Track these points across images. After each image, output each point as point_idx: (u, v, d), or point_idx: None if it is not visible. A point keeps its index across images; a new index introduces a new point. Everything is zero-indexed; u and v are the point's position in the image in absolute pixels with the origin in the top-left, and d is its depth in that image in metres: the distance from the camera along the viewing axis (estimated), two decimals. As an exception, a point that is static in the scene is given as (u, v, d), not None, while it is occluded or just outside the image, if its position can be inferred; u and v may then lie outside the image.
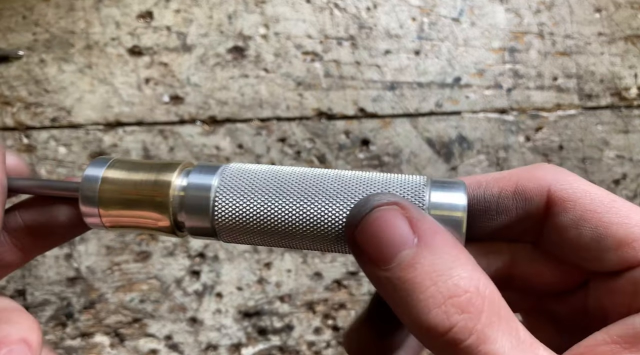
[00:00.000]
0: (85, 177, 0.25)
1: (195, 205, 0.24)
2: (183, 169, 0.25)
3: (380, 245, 0.19)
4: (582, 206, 0.21)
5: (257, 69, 0.64)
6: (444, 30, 0.67)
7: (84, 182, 0.25)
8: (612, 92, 0.70)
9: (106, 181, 0.24)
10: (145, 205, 0.24)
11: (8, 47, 0.61)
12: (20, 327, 0.22)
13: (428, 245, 0.19)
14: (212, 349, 0.62)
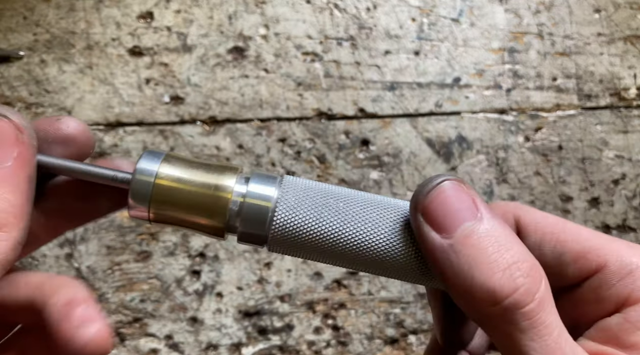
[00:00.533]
0: (138, 171, 0.24)
1: (254, 214, 0.24)
2: (239, 174, 0.25)
3: (447, 214, 0.21)
4: (542, 229, 0.25)
5: (257, 70, 0.64)
6: (444, 30, 0.68)
7: (137, 177, 0.24)
8: (611, 93, 0.70)
9: (161, 178, 0.24)
10: (201, 209, 0.24)
11: (9, 47, 0.61)
12: (79, 290, 0.23)
13: (489, 220, 0.21)
14: (213, 349, 0.62)
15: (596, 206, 0.69)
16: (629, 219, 0.69)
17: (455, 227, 0.21)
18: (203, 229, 0.25)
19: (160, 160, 0.24)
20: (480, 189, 0.67)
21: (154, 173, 0.24)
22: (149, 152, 0.24)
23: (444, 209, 0.21)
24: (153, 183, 0.23)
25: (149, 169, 0.24)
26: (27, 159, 0.22)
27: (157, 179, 0.24)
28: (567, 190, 0.68)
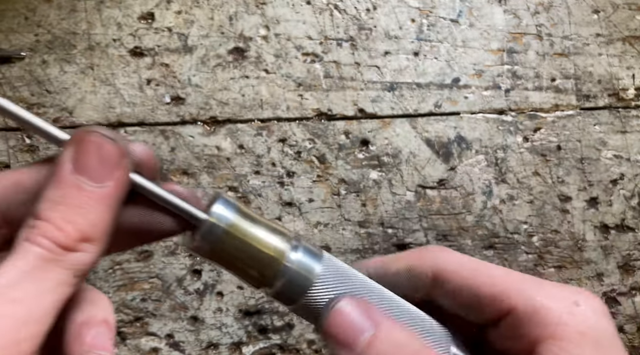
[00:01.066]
0: (214, 215, 0.26)
1: (296, 282, 0.27)
2: (292, 240, 0.28)
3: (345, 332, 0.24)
4: (459, 275, 0.27)
5: (257, 70, 0.64)
6: (443, 31, 0.68)
7: (212, 220, 0.26)
8: (609, 93, 0.70)
9: (231, 229, 0.26)
10: (255, 264, 0.27)
11: (10, 48, 0.61)
12: (100, 308, 0.25)
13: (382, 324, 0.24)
14: (213, 348, 0.62)
15: (595, 206, 0.69)
16: (627, 219, 0.69)
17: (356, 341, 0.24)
18: (247, 278, 0.28)
19: (233, 210, 0.27)
20: (480, 188, 0.67)
21: (226, 221, 0.26)
22: (223, 200, 0.27)
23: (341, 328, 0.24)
24: (224, 230, 0.26)
25: (223, 215, 0.26)
26: (124, 182, 0.24)
27: (228, 227, 0.26)
28: (565, 190, 0.69)
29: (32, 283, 0.21)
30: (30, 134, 0.61)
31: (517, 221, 0.67)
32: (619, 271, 0.69)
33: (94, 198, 0.23)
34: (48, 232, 0.22)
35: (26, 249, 0.22)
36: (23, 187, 0.25)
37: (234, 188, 0.63)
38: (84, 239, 0.22)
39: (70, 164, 0.23)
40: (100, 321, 0.24)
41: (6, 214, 0.25)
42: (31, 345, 0.21)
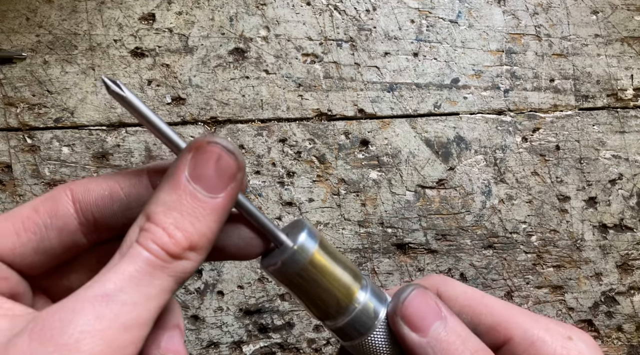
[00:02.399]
0: (299, 245, 0.27)
1: (360, 322, 0.28)
2: (362, 280, 0.29)
3: (420, 317, 0.26)
4: (461, 303, 0.28)
5: (257, 71, 0.65)
6: (442, 32, 0.68)
7: (295, 252, 0.27)
8: (608, 93, 0.71)
9: (312, 261, 0.27)
10: (327, 298, 0.28)
11: (12, 48, 0.61)
12: (174, 314, 0.26)
13: (450, 318, 0.26)
14: (214, 347, 0.62)
15: (593, 206, 0.69)
16: (625, 219, 0.70)
17: (428, 327, 0.26)
18: (314, 308, 0.28)
19: (316, 241, 0.28)
20: (479, 188, 0.67)
21: (309, 252, 0.27)
22: (308, 229, 0.28)
23: (417, 313, 0.26)
24: (306, 260, 0.27)
25: (307, 246, 0.27)
26: (235, 195, 0.25)
27: (310, 258, 0.27)
28: (564, 190, 0.69)
29: (140, 288, 0.21)
30: (32, 134, 0.61)
31: (516, 221, 0.68)
32: (617, 271, 0.69)
33: (206, 208, 0.23)
34: (158, 238, 0.22)
35: (137, 252, 0.22)
36: (118, 198, 0.25)
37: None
38: (191, 247, 0.23)
39: (188, 171, 0.23)
40: (174, 325, 0.25)
41: (99, 221, 0.25)
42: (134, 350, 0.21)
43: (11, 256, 0.24)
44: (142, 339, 0.22)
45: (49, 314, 0.21)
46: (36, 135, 0.61)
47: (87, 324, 0.20)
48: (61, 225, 0.25)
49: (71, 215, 0.25)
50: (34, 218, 0.25)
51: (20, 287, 0.25)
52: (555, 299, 0.68)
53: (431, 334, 0.25)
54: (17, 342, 0.20)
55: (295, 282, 0.27)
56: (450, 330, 0.25)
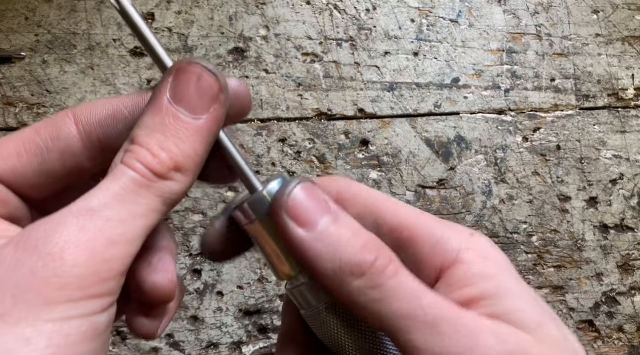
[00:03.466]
0: (268, 190, 0.26)
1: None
2: None
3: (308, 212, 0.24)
4: (362, 203, 0.27)
5: (257, 70, 0.65)
6: (443, 31, 0.68)
7: (263, 196, 0.26)
8: (609, 93, 0.71)
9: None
10: (287, 255, 0.26)
11: (11, 48, 0.61)
12: (165, 237, 0.26)
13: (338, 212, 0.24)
14: (213, 348, 0.62)
15: (594, 206, 0.69)
16: (627, 219, 0.69)
17: (316, 222, 0.24)
18: (277, 263, 0.27)
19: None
20: (479, 188, 0.67)
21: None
22: (283, 180, 0.27)
23: (305, 207, 0.24)
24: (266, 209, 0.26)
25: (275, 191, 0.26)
26: (219, 118, 0.24)
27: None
28: (565, 190, 0.69)
29: (125, 205, 0.21)
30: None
31: (516, 221, 0.68)
32: (618, 271, 0.69)
33: (189, 129, 0.23)
34: (143, 158, 0.22)
35: (121, 171, 0.22)
36: (122, 117, 0.25)
37: (234, 188, 0.63)
38: (177, 168, 0.23)
39: (169, 93, 0.23)
40: (165, 248, 0.25)
41: (104, 143, 0.25)
42: (121, 265, 0.21)
43: (12, 177, 0.24)
44: (130, 256, 0.22)
45: (34, 226, 0.21)
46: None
47: (71, 235, 0.20)
48: (64, 148, 0.24)
49: (74, 137, 0.25)
50: (35, 140, 0.24)
51: (20, 211, 0.25)
52: (556, 299, 0.67)
53: (319, 228, 0.23)
54: (3, 252, 0.20)
55: (258, 230, 0.26)
56: (340, 224, 0.24)
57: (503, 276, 0.24)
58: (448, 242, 0.25)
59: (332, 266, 0.23)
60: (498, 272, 0.25)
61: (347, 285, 0.23)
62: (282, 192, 0.24)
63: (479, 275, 0.24)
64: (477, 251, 0.25)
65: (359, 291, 0.23)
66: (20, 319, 0.19)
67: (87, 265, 0.20)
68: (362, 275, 0.23)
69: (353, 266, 0.23)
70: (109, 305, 0.21)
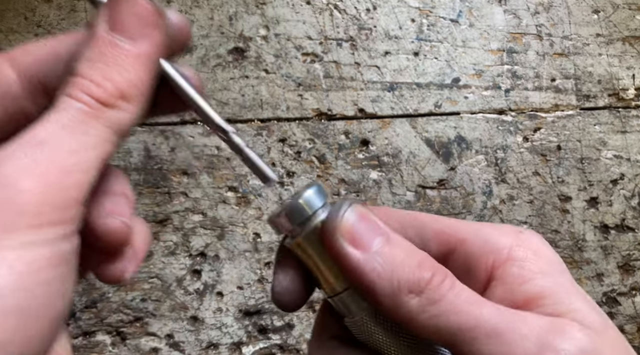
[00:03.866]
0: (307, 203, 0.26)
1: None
2: None
3: (362, 233, 0.24)
4: (404, 217, 0.28)
5: (257, 70, 0.64)
6: (443, 31, 0.68)
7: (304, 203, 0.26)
8: (609, 93, 0.70)
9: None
10: (333, 268, 0.26)
11: (10, 48, 0.61)
12: (119, 182, 0.25)
13: (391, 233, 0.25)
14: (213, 348, 0.62)
15: (595, 206, 0.69)
16: (627, 219, 0.69)
17: (371, 242, 0.24)
18: (320, 280, 0.27)
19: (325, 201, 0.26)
20: (479, 188, 0.67)
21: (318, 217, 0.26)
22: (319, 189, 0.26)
23: (358, 229, 0.24)
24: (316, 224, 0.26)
25: (313, 203, 0.26)
26: (159, 43, 0.24)
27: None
28: (565, 190, 0.69)
29: (75, 136, 0.21)
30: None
31: (517, 221, 0.67)
32: (619, 271, 0.69)
33: (129, 56, 0.23)
34: (87, 88, 0.22)
35: (67, 103, 0.22)
36: (61, 56, 0.25)
37: (234, 188, 0.63)
38: (122, 96, 0.22)
39: (106, 23, 0.23)
40: (119, 192, 0.25)
41: (45, 85, 0.25)
42: (78, 193, 0.21)
43: None
44: (86, 184, 0.21)
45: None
46: None
47: (24, 166, 0.20)
48: (3, 92, 0.24)
49: (12, 80, 0.24)
50: None
51: None
52: (556, 299, 0.67)
53: (374, 249, 0.24)
54: None
55: (303, 247, 0.26)
56: (393, 244, 0.24)
57: (558, 274, 0.24)
58: (498, 240, 0.25)
59: (389, 285, 0.23)
60: (552, 270, 0.25)
61: (405, 303, 0.23)
62: (335, 214, 0.25)
63: (534, 272, 0.24)
64: (528, 248, 0.25)
65: (417, 309, 0.23)
66: None
67: (43, 193, 0.20)
68: (420, 293, 0.23)
69: (411, 284, 0.23)
70: (71, 234, 0.21)
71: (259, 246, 0.63)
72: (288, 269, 0.27)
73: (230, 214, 0.63)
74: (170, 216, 0.62)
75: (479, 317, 0.22)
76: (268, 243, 0.63)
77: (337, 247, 0.24)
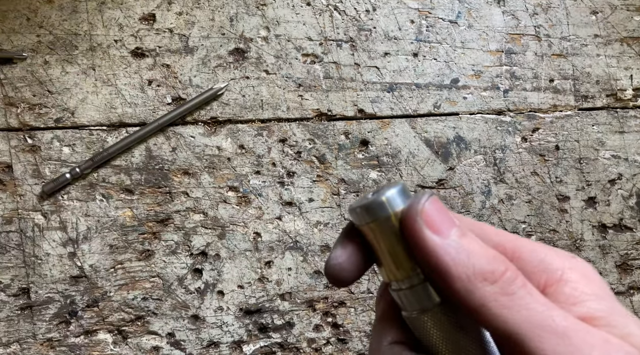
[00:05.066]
0: (388, 198, 0.26)
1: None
2: None
3: (441, 220, 0.25)
4: (465, 221, 0.29)
5: (258, 71, 0.65)
6: (442, 32, 0.68)
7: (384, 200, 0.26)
8: (607, 94, 0.71)
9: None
10: (408, 256, 0.26)
11: (12, 48, 0.61)
12: None
13: (464, 227, 0.26)
14: (214, 346, 0.63)
15: (593, 206, 0.69)
16: (625, 219, 0.70)
17: (449, 230, 0.25)
18: (388, 266, 0.27)
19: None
20: (478, 188, 0.67)
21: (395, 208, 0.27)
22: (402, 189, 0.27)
23: (439, 216, 0.25)
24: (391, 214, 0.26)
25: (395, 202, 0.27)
26: None
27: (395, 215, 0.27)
28: (564, 189, 0.69)
29: None
30: (32, 134, 0.61)
31: (515, 221, 0.68)
32: (617, 271, 0.69)
33: None
34: None
35: None
36: None
37: (234, 188, 0.64)
38: None
39: None
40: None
41: None
42: None
43: None
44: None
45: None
46: (37, 135, 0.61)
47: None
48: None
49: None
50: None
51: None
52: (554, 298, 0.68)
53: (452, 237, 0.25)
54: None
55: (376, 231, 0.27)
56: (468, 237, 0.25)
57: (610, 298, 0.25)
58: (552, 261, 0.26)
59: (465, 271, 0.24)
60: (604, 294, 0.25)
61: (479, 289, 0.24)
62: (417, 201, 0.26)
63: (587, 294, 0.25)
64: (580, 271, 0.26)
65: (491, 296, 0.24)
66: None
67: None
68: (494, 282, 0.24)
69: (486, 273, 0.24)
70: None
71: (260, 245, 0.64)
72: (350, 246, 0.28)
73: (231, 214, 0.63)
74: (172, 216, 0.63)
75: (549, 317, 0.23)
76: (268, 242, 0.64)
77: (417, 230, 0.25)
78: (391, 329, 0.29)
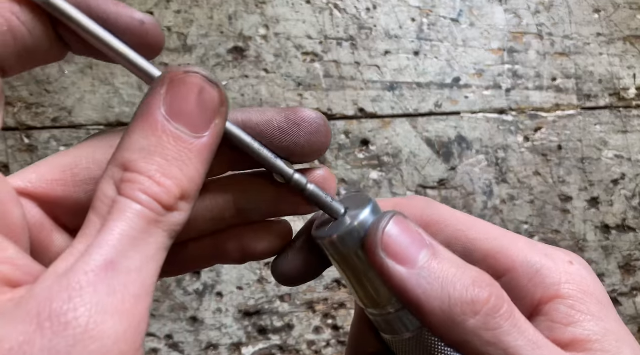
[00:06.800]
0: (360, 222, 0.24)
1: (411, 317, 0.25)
2: None
3: (405, 247, 0.22)
4: (452, 227, 0.25)
5: (257, 70, 0.64)
6: (444, 30, 0.68)
7: (355, 228, 0.24)
8: (610, 93, 0.70)
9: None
10: (378, 286, 0.24)
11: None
12: None
13: (437, 245, 0.23)
14: (213, 348, 0.62)
15: (595, 206, 0.69)
16: (628, 219, 0.69)
17: (416, 257, 0.22)
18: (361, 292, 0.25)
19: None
20: (480, 188, 0.67)
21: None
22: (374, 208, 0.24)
23: (401, 242, 0.22)
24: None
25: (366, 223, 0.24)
26: (220, 132, 0.21)
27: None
28: (566, 190, 0.68)
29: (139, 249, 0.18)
30: (29, 134, 0.61)
31: (517, 221, 0.67)
32: (620, 271, 0.69)
33: (192, 150, 0.20)
34: (148, 188, 0.19)
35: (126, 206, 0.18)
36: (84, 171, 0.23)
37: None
38: (183, 196, 0.20)
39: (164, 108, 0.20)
40: None
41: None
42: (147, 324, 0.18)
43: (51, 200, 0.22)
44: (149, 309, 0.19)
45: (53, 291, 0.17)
46: (34, 134, 0.61)
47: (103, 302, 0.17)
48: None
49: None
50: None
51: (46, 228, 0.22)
52: (557, 300, 0.67)
53: (420, 264, 0.22)
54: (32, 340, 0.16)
55: (346, 261, 0.24)
56: (441, 257, 0.22)
57: (606, 318, 0.24)
58: (548, 275, 0.24)
59: (440, 305, 0.21)
60: (601, 312, 0.24)
61: (458, 325, 0.21)
62: (375, 228, 0.23)
63: (583, 313, 0.23)
64: (577, 285, 0.24)
65: (472, 332, 0.21)
66: None
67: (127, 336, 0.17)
68: (475, 315, 0.21)
69: (465, 304, 0.21)
70: None
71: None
72: (303, 255, 0.26)
73: (230, 214, 0.63)
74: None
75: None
76: (268, 243, 0.63)
77: (379, 263, 0.22)
78: (369, 339, 0.27)
